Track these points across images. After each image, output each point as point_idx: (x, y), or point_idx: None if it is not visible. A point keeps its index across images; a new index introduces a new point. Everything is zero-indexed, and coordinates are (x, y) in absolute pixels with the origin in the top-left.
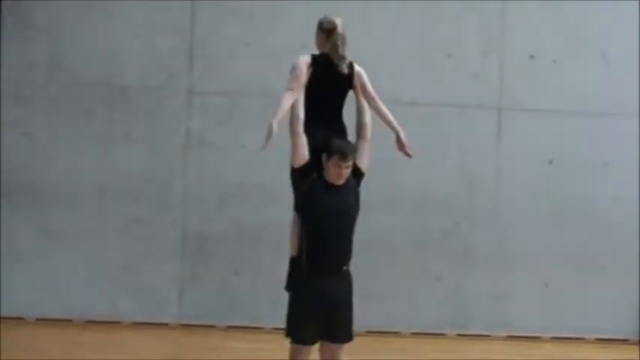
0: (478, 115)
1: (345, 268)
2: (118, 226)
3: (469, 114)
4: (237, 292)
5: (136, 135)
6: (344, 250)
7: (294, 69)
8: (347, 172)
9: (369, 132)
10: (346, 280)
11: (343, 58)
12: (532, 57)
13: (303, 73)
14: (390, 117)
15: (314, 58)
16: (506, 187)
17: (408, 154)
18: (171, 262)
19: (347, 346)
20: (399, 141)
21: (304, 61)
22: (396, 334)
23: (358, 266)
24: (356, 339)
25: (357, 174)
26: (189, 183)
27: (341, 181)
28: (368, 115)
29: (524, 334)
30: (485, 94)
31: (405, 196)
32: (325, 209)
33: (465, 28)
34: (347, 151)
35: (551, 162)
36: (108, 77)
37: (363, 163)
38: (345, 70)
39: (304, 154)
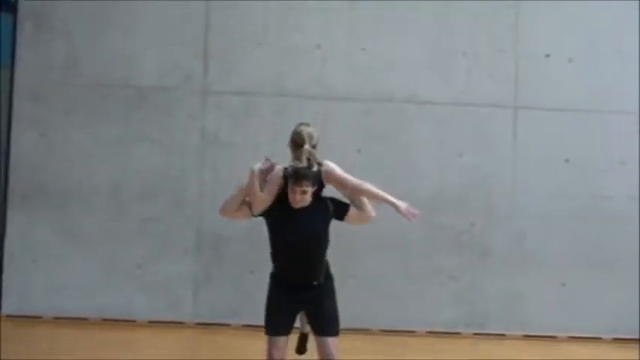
0: (493, 114)
1: (315, 283)
2: (133, 225)
3: (484, 113)
4: (252, 290)
5: (152, 135)
6: (311, 270)
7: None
8: (302, 197)
9: (367, 209)
10: (320, 288)
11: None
12: (547, 55)
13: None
14: (381, 194)
15: (285, 171)
16: (521, 186)
17: (412, 217)
18: (187, 261)
19: (362, 345)
20: (400, 212)
21: (276, 176)
22: (411, 332)
23: (374, 265)
24: (371, 337)
25: (339, 215)
26: (204, 182)
27: (298, 205)
28: (360, 201)
29: (540, 334)
30: (500, 93)
31: (420, 196)
32: (289, 232)
33: (480, 27)
34: (300, 176)
35: (567, 161)
36: (124, 78)
37: (350, 217)
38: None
39: (258, 210)
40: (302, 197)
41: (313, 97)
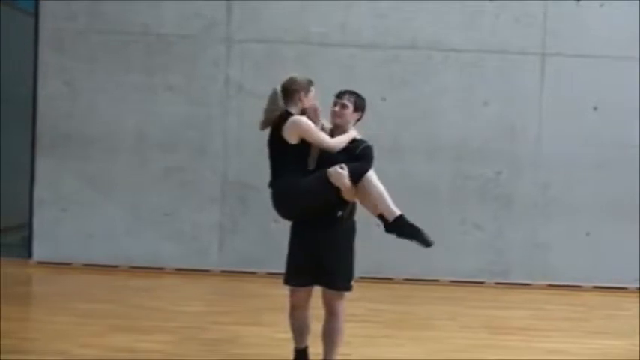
0: (520, 61)
1: (339, 214)
2: (159, 174)
3: (511, 60)
4: (276, 238)
5: (176, 83)
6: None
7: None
8: (342, 111)
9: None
10: (337, 228)
11: None
12: (578, 0)
13: None
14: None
15: None
16: (548, 134)
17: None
18: (212, 210)
19: (386, 293)
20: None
21: None
22: (435, 281)
23: None
24: (395, 286)
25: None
26: (228, 131)
27: (337, 120)
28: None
29: (564, 283)
30: (528, 39)
31: (445, 145)
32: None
33: None
34: (342, 90)
35: (595, 109)
36: (147, 26)
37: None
38: None
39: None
40: (341, 111)
41: (337, 44)
